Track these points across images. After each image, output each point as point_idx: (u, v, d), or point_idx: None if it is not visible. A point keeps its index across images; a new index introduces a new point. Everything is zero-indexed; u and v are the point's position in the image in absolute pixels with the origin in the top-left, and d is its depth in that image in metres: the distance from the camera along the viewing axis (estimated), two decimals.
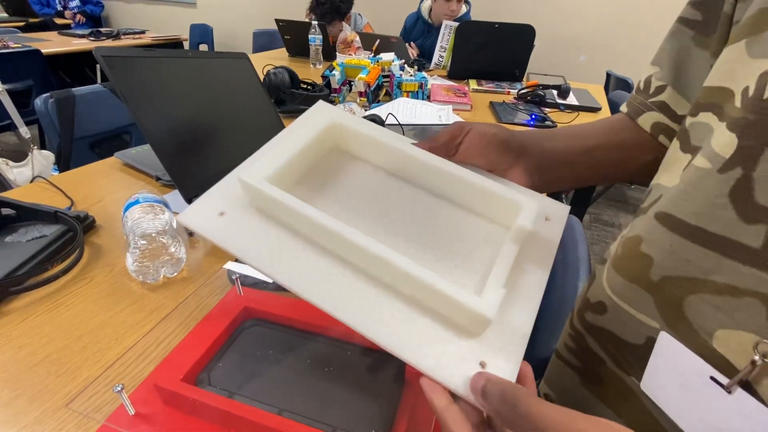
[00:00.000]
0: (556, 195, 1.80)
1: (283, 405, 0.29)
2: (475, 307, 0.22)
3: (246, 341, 0.34)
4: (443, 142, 0.31)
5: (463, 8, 1.96)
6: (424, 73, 1.25)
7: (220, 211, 0.27)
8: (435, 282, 0.23)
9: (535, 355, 0.48)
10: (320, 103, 0.34)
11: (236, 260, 0.47)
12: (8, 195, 0.58)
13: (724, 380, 0.22)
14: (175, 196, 0.56)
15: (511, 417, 0.19)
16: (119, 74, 0.50)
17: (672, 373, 0.25)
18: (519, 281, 0.26)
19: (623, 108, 0.40)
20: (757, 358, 0.21)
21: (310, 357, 0.33)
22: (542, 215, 0.30)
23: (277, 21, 1.84)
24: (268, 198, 0.26)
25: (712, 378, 0.23)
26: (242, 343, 0.34)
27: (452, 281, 0.23)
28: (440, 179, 0.31)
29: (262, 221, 0.27)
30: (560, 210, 0.31)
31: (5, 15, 3.26)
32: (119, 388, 0.27)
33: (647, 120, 0.36)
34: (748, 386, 0.21)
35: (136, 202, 0.48)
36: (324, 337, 0.35)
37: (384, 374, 0.32)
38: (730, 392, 0.22)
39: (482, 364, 0.22)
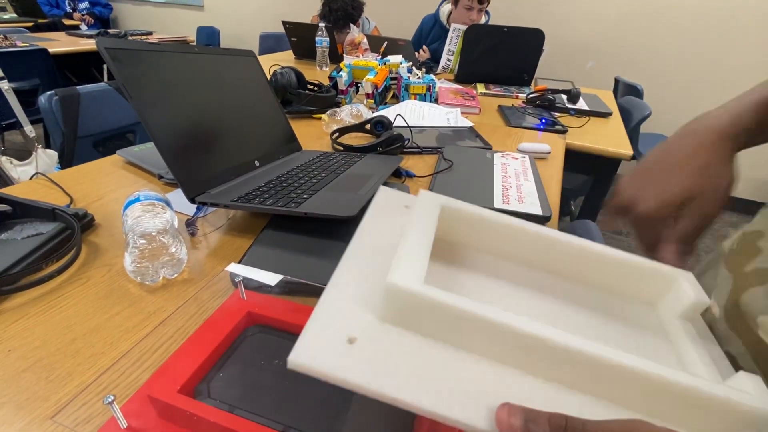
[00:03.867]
0: (565, 204, 1.77)
1: (289, 421, 0.26)
2: (754, 405, 0.17)
3: (249, 349, 0.32)
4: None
5: (483, 18, 1.96)
6: (432, 76, 1.24)
7: (348, 338, 0.20)
8: (698, 384, 0.17)
9: None
10: (423, 192, 0.29)
11: (240, 261, 0.45)
12: (6, 191, 0.56)
13: None
14: (177, 195, 0.54)
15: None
16: (123, 68, 0.48)
17: None
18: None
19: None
20: None
21: None
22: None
23: (284, 23, 1.84)
24: (436, 305, 0.20)
25: None
26: (245, 352, 0.32)
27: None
28: (572, 258, 0.27)
29: (416, 339, 0.21)
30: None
31: (14, 15, 3.29)
32: (110, 400, 0.25)
33: None
34: None
35: (137, 200, 0.46)
36: None
37: None
38: None
39: None
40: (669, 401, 0.17)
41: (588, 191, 1.44)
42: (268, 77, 0.93)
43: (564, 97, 1.36)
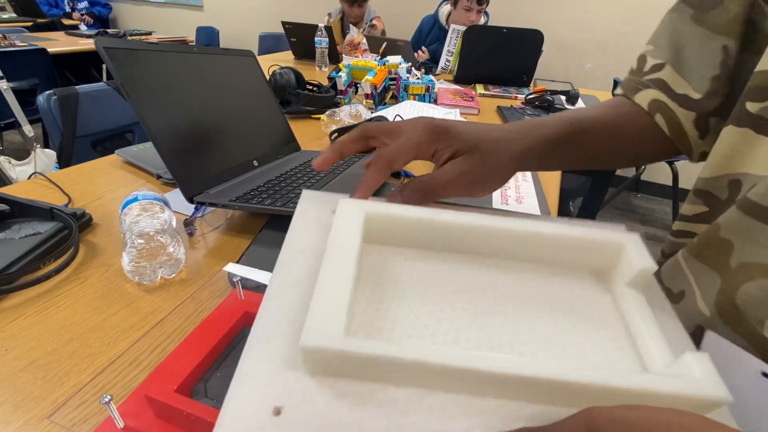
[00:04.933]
0: (564, 204, 1.78)
1: None
2: (703, 393, 0.17)
3: None
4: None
5: (482, 19, 1.97)
6: (431, 77, 1.24)
7: (273, 408, 0.17)
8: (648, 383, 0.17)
9: None
10: (343, 201, 0.26)
11: (238, 261, 0.45)
12: (4, 190, 0.56)
13: None
14: (175, 195, 0.54)
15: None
16: (121, 67, 0.48)
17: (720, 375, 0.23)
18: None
19: (618, 91, 0.39)
20: None
21: None
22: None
23: (284, 23, 1.84)
24: (363, 359, 0.18)
25: (763, 374, 0.21)
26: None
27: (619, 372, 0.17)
28: (513, 241, 0.25)
29: (355, 386, 0.18)
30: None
31: (14, 15, 3.28)
32: (107, 399, 0.25)
33: (645, 97, 0.35)
34: None
35: (135, 199, 0.46)
36: None
37: None
38: None
39: None
40: (618, 401, 0.17)
41: (586, 192, 1.45)
42: (268, 77, 0.93)
43: (563, 98, 1.36)
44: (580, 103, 1.35)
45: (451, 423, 0.18)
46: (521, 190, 0.68)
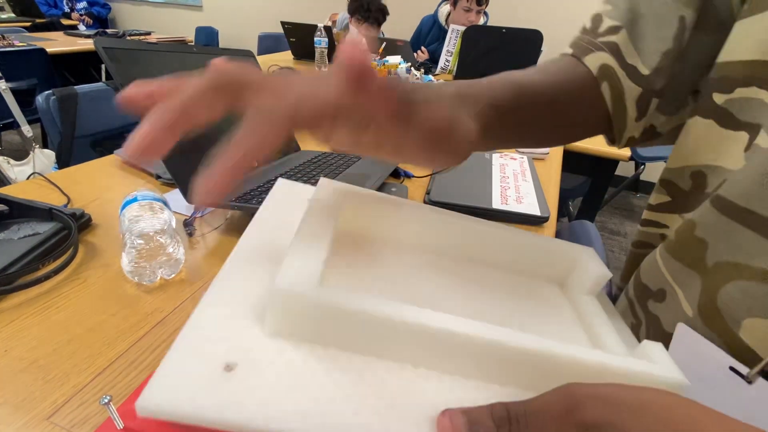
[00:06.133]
0: (563, 204, 1.78)
1: None
2: (662, 375, 0.18)
3: None
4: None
5: (482, 19, 1.97)
6: (430, 77, 1.24)
7: (225, 364, 0.15)
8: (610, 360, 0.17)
9: None
10: (323, 180, 0.25)
11: None
12: (3, 191, 0.56)
13: (745, 370, 0.21)
14: (175, 195, 0.54)
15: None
16: (121, 67, 0.48)
17: (688, 365, 0.24)
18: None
19: (567, 50, 0.35)
20: None
21: None
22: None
23: (283, 23, 1.84)
24: (334, 308, 0.16)
25: (731, 368, 0.21)
26: None
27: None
28: (480, 243, 0.27)
29: (317, 352, 0.17)
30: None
31: (12, 15, 3.28)
32: (107, 400, 0.25)
33: (595, 61, 0.32)
34: None
35: (134, 200, 0.46)
36: None
37: None
38: (750, 382, 0.21)
39: None
40: (586, 378, 0.17)
41: (586, 192, 1.45)
42: None
43: None
44: None
45: (420, 393, 0.17)
46: (521, 190, 0.68)
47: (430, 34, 2.18)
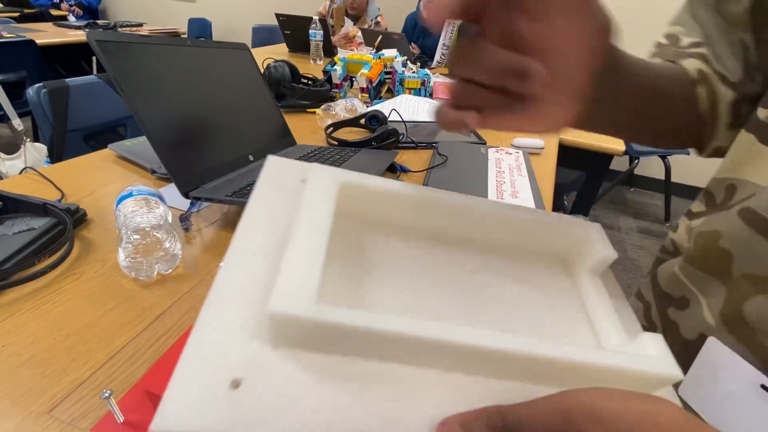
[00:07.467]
0: (558, 199, 1.79)
1: None
2: (659, 371, 0.18)
3: None
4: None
5: None
6: (426, 71, 1.23)
7: (232, 380, 0.16)
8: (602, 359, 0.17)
9: None
10: (316, 166, 0.24)
11: None
12: None
13: None
14: (170, 190, 0.54)
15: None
16: (114, 60, 0.47)
17: (717, 381, 0.24)
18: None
19: (655, 59, 0.34)
20: None
21: None
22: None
23: (278, 15, 1.82)
24: (333, 328, 0.16)
25: (763, 386, 0.21)
26: None
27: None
28: (481, 223, 0.26)
29: (320, 360, 0.17)
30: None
31: (0, 5, 3.21)
32: (107, 394, 0.25)
33: (690, 65, 0.32)
34: None
35: (130, 195, 0.46)
36: None
37: None
38: None
39: None
40: (581, 379, 0.18)
41: (581, 186, 1.46)
42: (262, 71, 0.92)
43: None
44: None
45: (420, 399, 0.17)
46: (516, 185, 0.68)
47: (416, 29, 2.16)
